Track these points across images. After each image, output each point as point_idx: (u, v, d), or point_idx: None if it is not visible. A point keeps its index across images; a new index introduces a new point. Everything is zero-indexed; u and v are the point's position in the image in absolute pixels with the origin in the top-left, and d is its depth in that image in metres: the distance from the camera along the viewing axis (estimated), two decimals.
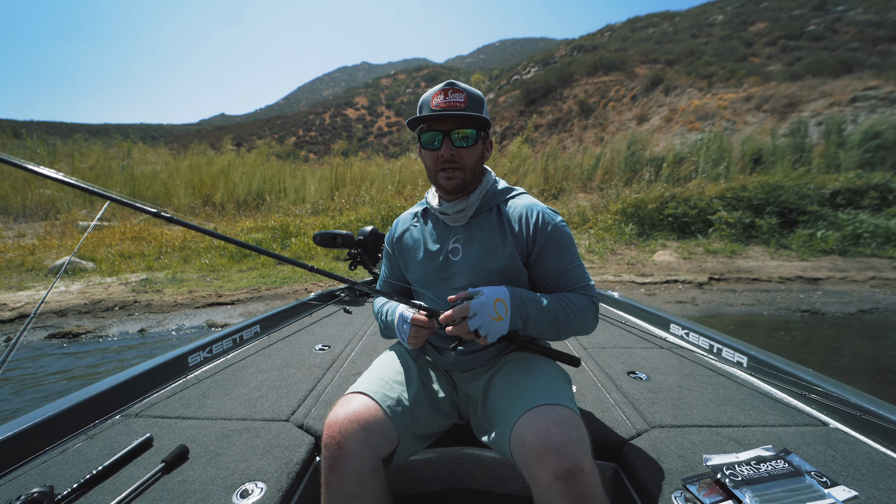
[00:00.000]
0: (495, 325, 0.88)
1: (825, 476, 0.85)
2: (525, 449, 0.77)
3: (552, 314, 0.95)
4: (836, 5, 37.34)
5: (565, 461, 0.72)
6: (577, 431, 0.77)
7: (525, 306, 0.93)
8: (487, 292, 0.90)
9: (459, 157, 0.98)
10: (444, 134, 0.96)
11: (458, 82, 0.97)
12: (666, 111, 23.84)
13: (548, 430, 0.76)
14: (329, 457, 0.82)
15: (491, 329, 0.88)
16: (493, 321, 0.87)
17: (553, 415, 0.79)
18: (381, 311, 1.16)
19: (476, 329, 0.87)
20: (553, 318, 0.95)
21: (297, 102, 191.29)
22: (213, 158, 15.91)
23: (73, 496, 0.81)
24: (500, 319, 0.88)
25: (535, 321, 0.94)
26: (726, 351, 1.55)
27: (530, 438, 0.77)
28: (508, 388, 0.93)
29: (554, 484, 0.72)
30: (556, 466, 0.72)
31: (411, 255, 1.13)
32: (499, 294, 0.90)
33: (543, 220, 1.02)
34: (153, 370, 1.34)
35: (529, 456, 0.76)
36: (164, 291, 6.11)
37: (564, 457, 0.73)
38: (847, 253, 7.78)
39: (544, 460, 0.73)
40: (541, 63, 52.10)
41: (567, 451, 0.73)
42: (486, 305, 0.87)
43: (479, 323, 0.86)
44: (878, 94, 17.26)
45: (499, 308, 0.89)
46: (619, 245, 8.79)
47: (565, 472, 0.72)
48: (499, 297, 0.89)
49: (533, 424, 0.78)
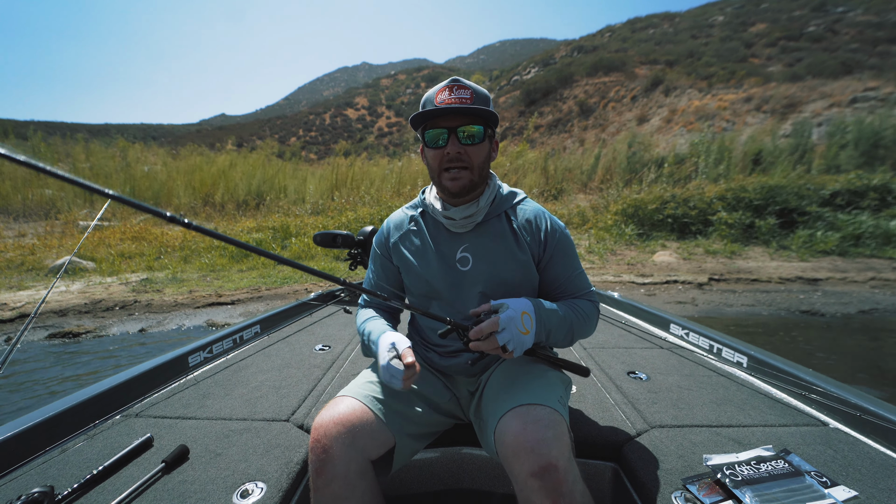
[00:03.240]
0: (523, 338, 0.86)
1: (825, 476, 0.85)
2: (504, 447, 0.79)
3: (568, 323, 0.96)
4: (835, 6, 37.35)
5: (539, 458, 0.74)
6: (554, 430, 0.78)
7: (548, 318, 0.92)
8: (513, 305, 0.87)
9: (466, 156, 0.93)
10: (450, 131, 0.91)
11: (463, 79, 0.94)
12: (666, 112, 23.85)
13: (525, 428, 0.78)
14: (315, 460, 0.82)
15: (519, 343, 0.85)
16: (521, 335, 0.85)
17: (532, 414, 0.80)
18: (364, 330, 1.05)
19: (504, 344, 0.84)
20: (569, 327, 0.96)
21: (298, 102, 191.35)
22: (213, 158, 15.91)
23: (73, 496, 0.81)
24: (527, 333, 0.87)
25: (555, 332, 0.94)
26: (726, 351, 1.55)
27: (509, 437, 0.78)
28: (499, 389, 0.93)
29: (530, 481, 0.74)
30: (531, 464, 0.74)
31: (412, 263, 1.06)
32: (524, 307, 0.88)
33: (553, 227, 1.03)
34: (153, 370, 1.33)
35: (508, 454, 0.78)
36: (164, 291, 6.11)
37: (538, 454, 0.74)
38: (847, 254, 7.78)
39: (520, 458, 0.75)
40: (541, 63, 52.12)
41: (541, 448, 0.74)
42: (514, 320, 0.85)
43: (508, 337, 0.84)
44: (878, 95, 17.27)
45: (525, 321, 0.87)
46: (619, 245, 8.79)
47: (539, 469, 0.73)
48: (525, 310, 0.87)
49: (513, 423, 0.80)
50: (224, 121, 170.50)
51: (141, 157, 16.63)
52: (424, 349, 1.12)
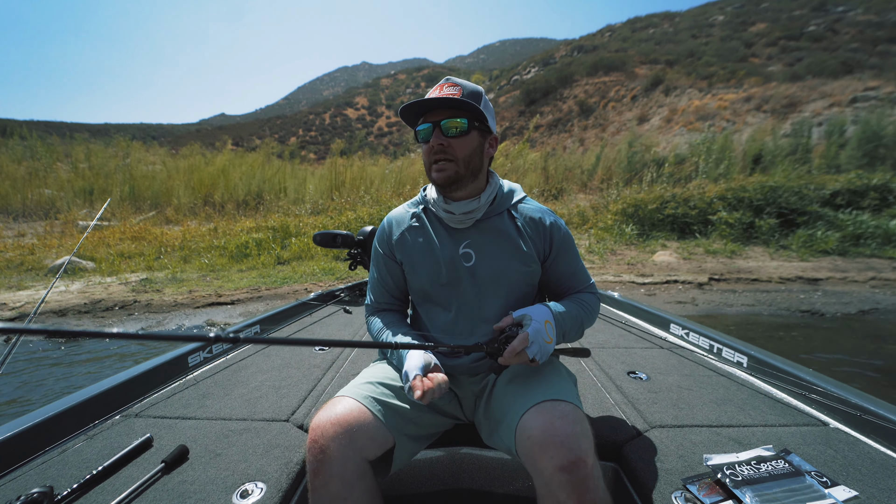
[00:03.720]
0: (548, 348, 0.88)
1: (825, 476, 0.85)
2: (530, 441, 0.78)
3: (579, 321, 1.00)
4: (836, 6, 37.36)
5: (569, 453, 0.74)
6: (581, 426, 0.78)
7: (564, 321, 0.95)
8: (536, 316, 0.88)
9: (451, 148, 0.93)
10: (435, 125, 0.94)
11: (457, 78, 0.96)
12: (666, 111, 23.85)
13: (553, 423, 0.78)
14: (312, 460, 0.82)
15: (545, 353, 0.87)
16: (546, 345, 0.87)
17: (558, 409, 0.80)
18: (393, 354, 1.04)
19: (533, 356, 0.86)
20: (579, 325, 1.00)
21: (298, 102, 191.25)
22: (213, 158, 15.91)
23: (73, 496, 0.81)
24: (550, 342, 0.88)
25: (569, 332, 0.97)
26: (726, 351, 1.55)
27: (535, 431, 0.78)
28: (515, 386, 0.93)
29: (557, 475, 0.73)
30: (560, 458, 0.74)
31: (416, 258, 1.06)
32: (545, 315, 0.90)
33: (556, 225, 1.05)
34: (153, 370, 1.33)
35: (534, 448, 0.77)
36: (164, 291, 6.11)
37: (568, 449, 0.74)
38: (847, 253, 7.78)
39: (548, 452, 0.75)
40: (541, 63, 52.10)
41: (571, 443, 0.75)
42: (541, 332, 0.86)
43: (537, 350, 0.85)
44: (878, 95, 17.28)
45: (549, 330, 0.89)
46: (619, 245, 8.79)
47: (569, 463, 0.73)
48: (547, 319, 0.89)
49: (539, 418, 0.80)
50: (224, 120, 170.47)
51: (142, 158, 16.64)
52: None
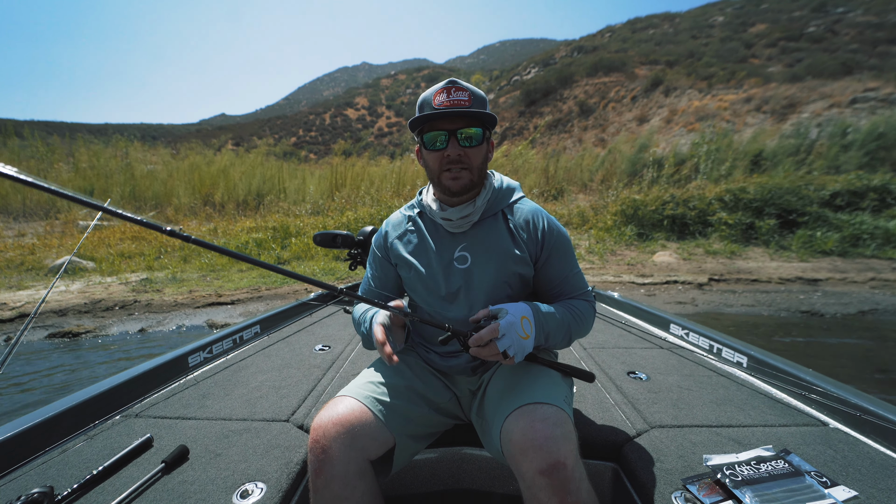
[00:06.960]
0: (523, 343, 0.85)
1: (825, 476, 0.85)
2: (511, 445, 0.79)
3: (566, 325, 0.96)
4: (835, 7, 37.36)
5: (548, 456, 0.74)
6: (562, 429, 0.78)
7: (546, 321, 0.92)
8: (512, 310, 0.87)
9: (466, 158, 0.94)
10: (450, 133, 0.92)
11: (460, 80, 0.94)
12: (666, 112, 23.85)
13: (532, 426, 0.77)
14: (314, 460, 0.82)
15: (519, 348, 0.85)
16: (521, 340, 0.85)
17: (539, 412, 0.80)
18: (362, 319, 1.07)
19: (504, 350, 0.83)
20: (567, 329, 0.96)
21: (298, 102, 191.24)
22: (213, 158, 15.91)
23: (73, 496, 0.81)
24: (527, 338, 0.86)
25: (553, 335, 0.93)
26: (726, 351, 1.55)
27: (516, 435, 0.78)
28: (503, 388, 0.93)
29: (538, 479, 0.73)
30: (539, 461, 0.74)
31: (411, 262, 1.06)
32: (523, 311, 0.88)
33: (550, 227, 1.03)
34: (153, 370, 1.33)
35: (515, 452, 0.77)
36: (164, 291, 6.11)
37: (547, 452, 0.74)
38: (847, 254, 7.78)
39: (528, 455, 0.75)
40: (541, 64, 52.11)
41: (550, 446, 0.74)
42: (514, 325, 0.84)
43: (509, 343, 0.83)
44: (878, 96, 17.27)
45: (525, 326, 0.86)
46: (618, 246, 8.79)
47: (548, 466, 0.73)
48: (524, 315, 0.87)
49: (519, 421, 0.80)
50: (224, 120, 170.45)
51: (143, 158, 16.63)
52: (425, 350, 1.11)
